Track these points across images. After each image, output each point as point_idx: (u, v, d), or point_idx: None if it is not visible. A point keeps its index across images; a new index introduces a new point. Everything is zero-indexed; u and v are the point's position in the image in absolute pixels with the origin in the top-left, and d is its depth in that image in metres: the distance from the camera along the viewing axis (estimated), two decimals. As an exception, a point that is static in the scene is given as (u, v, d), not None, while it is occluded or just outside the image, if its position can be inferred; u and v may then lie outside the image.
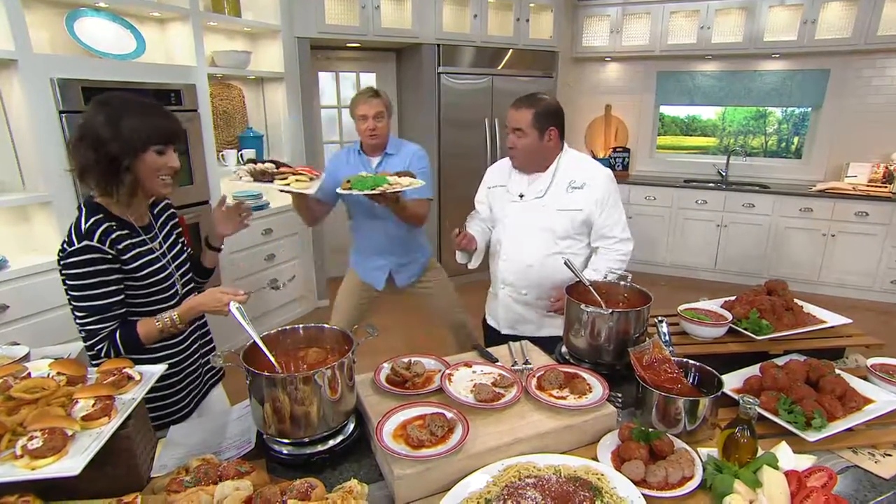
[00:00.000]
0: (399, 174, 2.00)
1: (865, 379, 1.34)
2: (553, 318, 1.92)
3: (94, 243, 1.23)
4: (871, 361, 1.36)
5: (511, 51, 4.60)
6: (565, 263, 1.56)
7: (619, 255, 1.85)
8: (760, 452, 1.04)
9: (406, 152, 2.36)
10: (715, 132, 5.55)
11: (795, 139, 5.16)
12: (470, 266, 2.03)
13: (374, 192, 1.88)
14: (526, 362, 1.40)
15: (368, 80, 4.78)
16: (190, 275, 1.52)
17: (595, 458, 1.09)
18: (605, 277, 1.70)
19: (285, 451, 1.12)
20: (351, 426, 1.20)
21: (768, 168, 5.11)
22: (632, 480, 1.01)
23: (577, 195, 1.81)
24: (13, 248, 2.39)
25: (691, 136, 5.67)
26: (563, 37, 4.98)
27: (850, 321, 1.52)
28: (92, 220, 1.25)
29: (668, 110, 5.53)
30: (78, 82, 2.44)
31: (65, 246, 1.24)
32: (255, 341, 1.15)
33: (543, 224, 1.84)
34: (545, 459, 1.06)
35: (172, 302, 1.40)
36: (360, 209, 2.31)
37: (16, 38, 2.22)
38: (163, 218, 1.48)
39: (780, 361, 1.39)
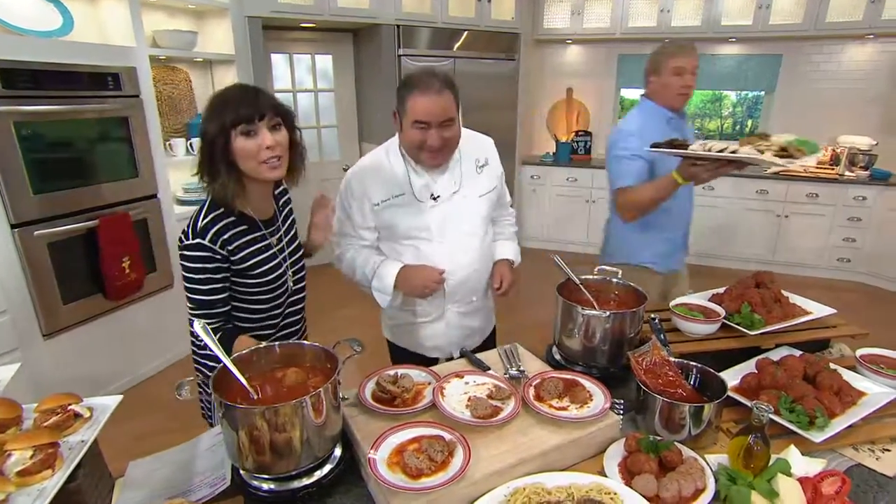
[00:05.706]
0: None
1: (853, 369, 1.34)
2: (490, 313, 1.82)
3: (206, 242, 1.23)
4: (860, 352, 1.36)
5: (473, 32, 4.46)
6: (555, 263, 1.49)
7: (513, 217, 1.82)
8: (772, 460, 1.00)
9: None
10: (673, 116, 5.62)
11: (749, 122, 5.30)
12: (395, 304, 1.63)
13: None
14: (519, 368, 1.32)
15: (324, 62, 4.54)
16: (304, 272, 1.50)
17: (602, 472, 1.03)
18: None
19: (266, 488, 1.00)
20: (338, 451, 1.09)
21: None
22: (645, 497, 0.95)
23: (486, 173, 1.64)
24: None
25: (650, 119, 5.72)
26: (525, 18, 4.88)
27: (834, 311, 1.53)
28: (210, 216, 1.25)
29: (629, 93, 5.55)
30: (-6, 64, 2.16)
31: (181, 238, 1.25)
32: (225, 364, 1.02)
33: (473, 218, 1.61)
34: (553, 479, 0.99)
35: (281, 299, 1.42)
36: None
37: (-84, 13, 1.92)
38: (286, 210, 1.46)
39: (773, 355, 1.37)
